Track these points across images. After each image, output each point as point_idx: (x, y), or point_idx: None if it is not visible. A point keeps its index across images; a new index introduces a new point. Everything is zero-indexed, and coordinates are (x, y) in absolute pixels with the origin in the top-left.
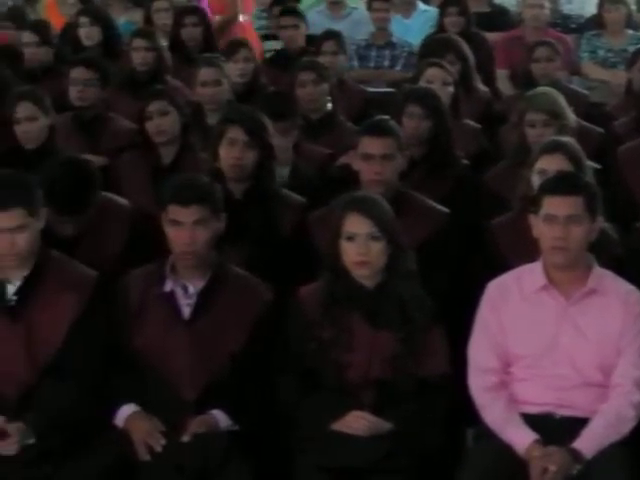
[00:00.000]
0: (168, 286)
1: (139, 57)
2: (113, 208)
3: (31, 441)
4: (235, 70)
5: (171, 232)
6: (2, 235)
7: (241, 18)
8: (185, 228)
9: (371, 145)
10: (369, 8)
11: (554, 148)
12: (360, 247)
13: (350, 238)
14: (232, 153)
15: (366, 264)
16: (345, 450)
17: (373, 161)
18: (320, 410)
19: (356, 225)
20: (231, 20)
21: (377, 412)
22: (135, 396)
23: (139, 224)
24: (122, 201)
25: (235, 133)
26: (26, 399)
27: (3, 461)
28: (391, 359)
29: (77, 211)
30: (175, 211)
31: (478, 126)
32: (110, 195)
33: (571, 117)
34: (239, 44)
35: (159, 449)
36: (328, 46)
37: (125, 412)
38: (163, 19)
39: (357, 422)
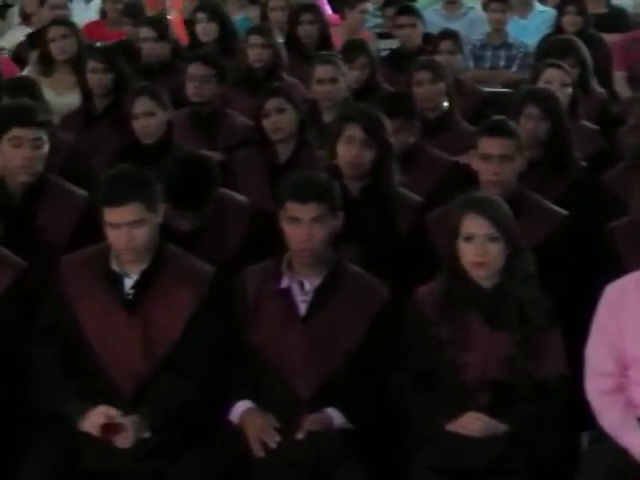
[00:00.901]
0: (285, 283)
1: (255, 54)
2: (232, 205)
3: (146, 435)
4: (352, 77)
5: (289, 229)
6: (121, 229)
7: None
8: (303, 225)
9: (490, 145)
10: (485, 8)
11: None
12: (478, 248)
13: (468, 239)
14: (350, 151)
15: (484, 265)
16: (460, 451)
17: (492, 161)
18: (435, 410)
19: (474, 226)
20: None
21: (492, 413)
22: (250, 392)
23: (256, 221)
24: (241, 198)
25: (353, 131)
26: (142, 393)
27: (118, 455)
28: (507, 360)
29: (195, 207)
30: (293, 208)
31: (596, 127)
32: (229, 192)
33: None
34: (357, 49)
35: (273, 446)
36: (445, 45)
37: (240, 408)
38: (279, 16)
39: (472, 423)
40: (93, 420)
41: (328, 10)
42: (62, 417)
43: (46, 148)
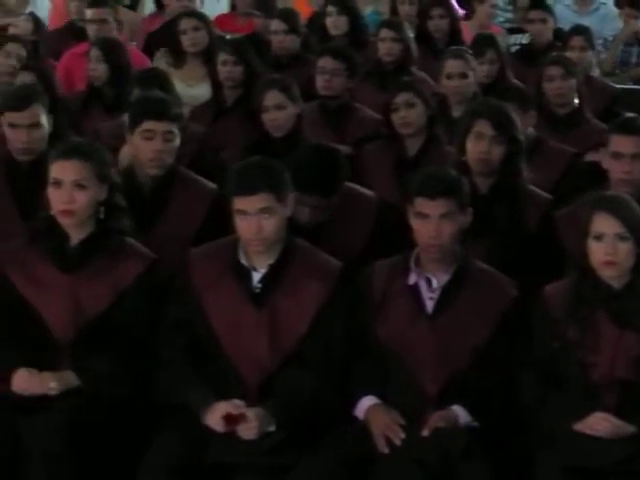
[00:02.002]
0: (412, 279)
1: (385, 48)
2: (359, 199)
3: (271, 429)
4: (481, 71)
5: (417, 224)
6: (250, 218)
7: None
8: (431, 221)
9: (622, 143)
10: (617, 4)
11: None
12: (608, 247)
13: (598, 238)
14: (479, 147)
15: (613, 264)
16: (587, 451)
17: (623, 160)
18: (562, 410)
19: (604, 225)
20: None
21: (620, 414)
22: (376, 388)
23: (383, 215)
24: (368, 192)
25: (482, 127)
26: (268, 386)
27: (242, 448)
28: (636, 360)
29: (323, 194)
30: (422, 204)
31: None
32: (356, 186)
33: None
34: (487, 44)
35: (398, 443)
36: (576, 41)
37: (366, 404)
38: (409, 10)
39: (600, 424)
40: (216, 414)
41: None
42: (187, 409)
43: (177, 141)
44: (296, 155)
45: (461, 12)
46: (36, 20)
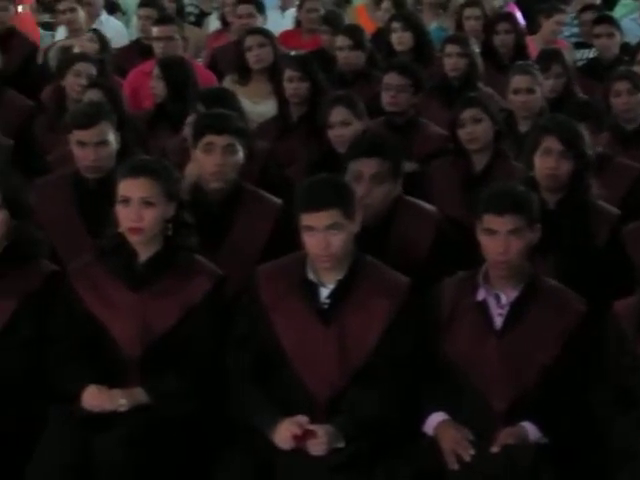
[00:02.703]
0: (481, 295)
1: (451, 63)
2: (419, 213)
3: (340, 445)
4: (547, 86)
5: (485, 241)
6: (318, 234)
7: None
8: (499, 237)
9: None
10: None
11: None
12: None
13: None
14: (547, 163)
15: None
16: None
17: None
18: (636, 428)
19: None
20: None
21: None
22: (445, 404)
23: (445, 231)
24: (429, 207)
25: (551, 142)
26: (336, 403)
27: (311, 465)
28: None
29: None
30: (490, 220)
31: None
32: (416, 200)
33: None
34: (552, 59)
35: (468, 459)
36: None
37: (435, 420)
38: (474, 25)
39: None
40: (284, 433)
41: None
42: (254, 427)
43: (239, 155)
44: None
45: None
46: (101, 38)
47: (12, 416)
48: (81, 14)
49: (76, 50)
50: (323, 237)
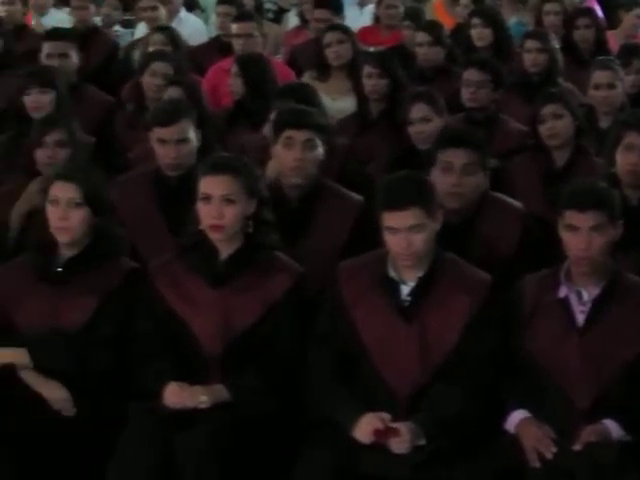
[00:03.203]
0: (562, 292)
1: (531, 59)
2: (506, 209)
3: (422, 442)
4: (627, 81)
5: (567, 237)
6: (399, 234)
7: None
8: (581, 234)
9: None
10: None
11: None
12: None
13: None
14: (629, 159)
15: None
16: None
17: None
18: None
19: None
20: None
21: None
22: (527, 401)
23: (531, 227)
24: (515, 203)
25: (633, 138)
26: (417, 400)
27: (393, 462)
28: None
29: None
30: (571, 216)
31: None
32: (502, 196)
33: None
34: (633, 54)
35: (550, 457)
36: None
37: (516, 418)
38: (554, 20)
39: None
40: (365, 427)
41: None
42: (336, 423)
43: (319, 151)
44: None
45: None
46: (173, 37)
47: (93, 414)
48: (162, 12)
49: (151, 48)
50: (405, 237)
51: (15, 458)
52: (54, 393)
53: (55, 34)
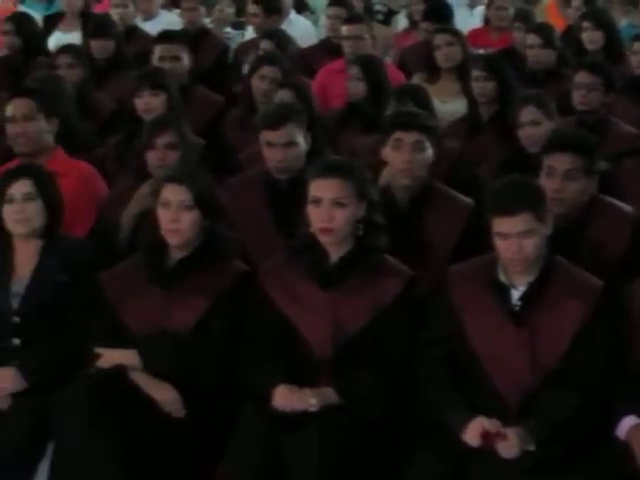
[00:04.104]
0: None
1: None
2: (614, 213)
3: (531, 448)
4: None
5: None
6: (510, 240)
7: None
8: None
9: None
10: None
11: None
12: None
13: None
14: None
15: None
16: None
17: None
18: None
19: None
20: None
21: None
22: (638, 408)
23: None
24: (626, 207)
25: None
26: (527, 405)
27: (503, 467)
28: None
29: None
30: None
31: None
32: (612, 199)
33: None
34: None
35: None
36: None
37: (627, 424)
38: None
39: None
40: (474, 430)
41: None
42: (445, 426)
43: (428, 153)
44: None
45: None
46: (280, 39)
47: (203, 416)
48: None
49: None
50: (515, 242)
51: (120, 458)
52: (164, 395)
53: (167, 37)
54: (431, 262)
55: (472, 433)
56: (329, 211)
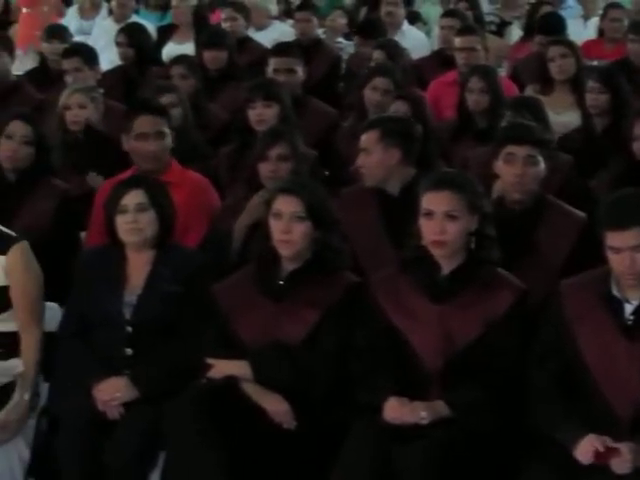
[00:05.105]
0: None
1: None
2: None
3: None
4: None
5: None
6: (622, 253)
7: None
8: None
9: None
10: None
11: None
12: None
13: None
14: None
15: None
16: None
17: None
18: None
19: None
20: None
21: None
22: None
23: None
24: None
25: None
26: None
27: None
28: None
29: None
30: None
31: None
32: None
33: None
34: None
35: None
36: None
37: None
38: None
39: None
40: (586, 448)
41: None
42: (556, 439)
43: (541, 167)
44: None
45: None
46: (392, 49)
47: (313, 427)
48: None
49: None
50: (628, 256)
51: (230, 469)
52: (275, 406)
53: (282, 50)
54: (542, 276)
55: (583, 450)
56: (441, 224)
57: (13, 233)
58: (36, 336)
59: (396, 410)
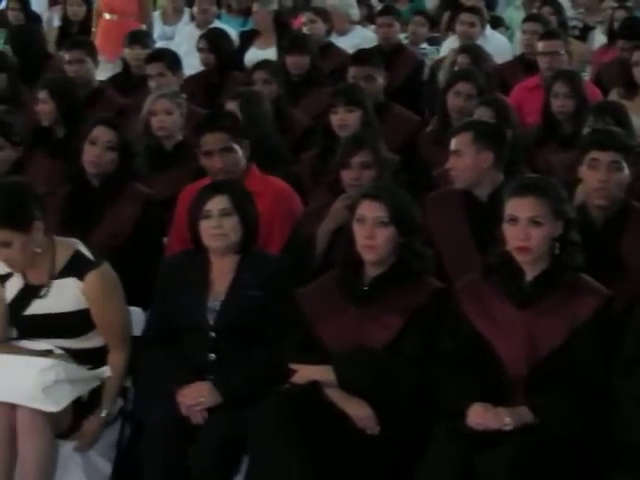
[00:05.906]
0: None
1: None
2: None
3: None
4: None
5: None
6: None
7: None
8: None
9: None
10: None
11: None
12: None
13: None
14: None
15: None
16: None
17: None
18: None
19: None
20: None
21: None
22: None
23: None
24: None
25: None
26: None
27: None
28: None
29: None
30: None
31: None
32: None
33: None
34: None
35: None
36: None
37: None
38: None
39: None
40: None
41: None
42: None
43: (625, 173)
44: None
45: None
46: (475, 54)
47: (397, 433)
48: (476, 29)
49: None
50: None
51: (312, 474)
52: (359, 411)
53: (360, 58)
54: (626, 282)
55: None
56: (526, 230)
57: (92, 257)
58: (120, 358)
59: (480, 416)
